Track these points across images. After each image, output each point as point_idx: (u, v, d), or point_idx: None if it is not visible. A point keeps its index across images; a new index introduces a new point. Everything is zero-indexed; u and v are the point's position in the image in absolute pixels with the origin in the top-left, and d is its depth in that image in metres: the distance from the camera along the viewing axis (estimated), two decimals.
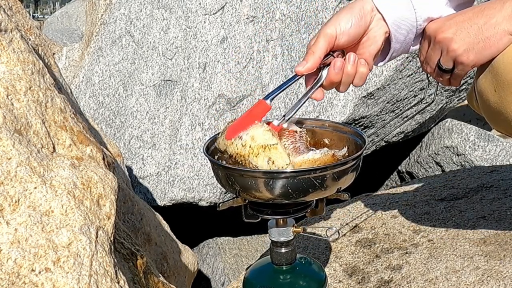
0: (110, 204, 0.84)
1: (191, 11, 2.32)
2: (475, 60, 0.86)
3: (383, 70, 2.13)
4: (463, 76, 0.91)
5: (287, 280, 0.94)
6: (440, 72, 0.92)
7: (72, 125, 0.90)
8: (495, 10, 0.84)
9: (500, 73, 0.84)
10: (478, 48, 0.85)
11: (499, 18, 0.83)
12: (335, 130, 0.99)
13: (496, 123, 0.93)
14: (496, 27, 0.83)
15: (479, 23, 0.84)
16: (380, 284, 1.14)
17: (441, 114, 2.58)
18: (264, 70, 2.23)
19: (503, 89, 0.85)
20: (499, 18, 0.83)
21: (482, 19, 0.84)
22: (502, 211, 1.32)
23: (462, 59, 0.87)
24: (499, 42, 0.84)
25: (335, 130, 0.99)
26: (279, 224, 0.93)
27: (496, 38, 0.83)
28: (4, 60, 0.85)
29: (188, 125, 2.21)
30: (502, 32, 0.83)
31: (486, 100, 0.89)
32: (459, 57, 0.87)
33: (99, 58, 2.38)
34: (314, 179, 0.82)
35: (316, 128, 1.01)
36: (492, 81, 0.86)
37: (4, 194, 0.74)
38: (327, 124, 1.01)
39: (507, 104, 0.85)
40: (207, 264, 2.48)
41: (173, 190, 2.16)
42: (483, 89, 0.89)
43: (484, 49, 0.85)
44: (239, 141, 0.85)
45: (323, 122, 1.02)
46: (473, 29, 0.85)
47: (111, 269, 0.77)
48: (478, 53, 0.85)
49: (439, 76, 0.93)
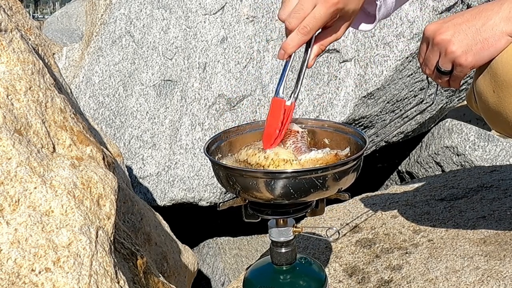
0: (110, 204, 0.84)
1: (191, 11, 2.32)
2: (473, 61, 0.86)
3: (383, 70, 2.13)
4: (462, 77, 0.91)
5: (287, 280, 0.94)
6: (439, 74, 0.92)
7: (72, 125, 0.90)
8: (493, 11, 0.84)
9: (499, 74, 0.85)
10: (476, 49, 0.85)
11: (497, 19, 0.83)
12: (336, 131, 0.99)
13: (495, 124, 0.93)
14: (494, 29, 0.84)
15: (477, 25, 0.85)
16: (380, 284, 1.14)
17: (441, 114, 2.58)
18: (264, 70, 2.23)
19: (502, 90, 0.85)
20: (496, 20, 0.83)
21: (480, 21, 0.85)
22: (502, 211, 1.32)
23: (461, 60, 0.87)
24: (497, 43, 0.84)
25: (336, 130, 0.99)
26: (279, 224, 0.93)
27: (494, 40, 0.84)
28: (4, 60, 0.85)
29: (188, 125, 2.21)
30: (500, 33, 0.83)
31: (485, 101, 0.89)
32: (457, 59, 0.87)
33: (99, 58, 2.38)
34: (315, 179, 0.82)
35: (317, 129, 1.01)
36: (491, 82, 0.87)
37: (4, 194, 0.74)
38: (328, 125, 1.01)
39: (506, 104, 0.85)
40: (207, 264, 2.48)
41: (173, 190, 2.16)
42: (482, 90, 0.89)
43: (482, 51, 0.85)
44: (262, 153, 0.88)
45: (323, 122, 1.02)
46: (471, 31, 0.85)
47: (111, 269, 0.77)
48: (476, 55, 0.86)
49: (438, 78, 0.93)
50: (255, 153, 0.89)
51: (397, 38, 2.13)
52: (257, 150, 0.90)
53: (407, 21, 2.13)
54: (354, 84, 2.15)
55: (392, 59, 2.12)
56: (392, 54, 2.13)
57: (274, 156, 0.87)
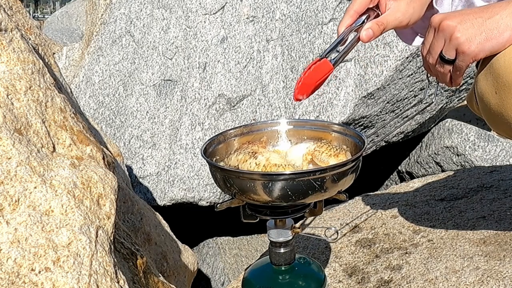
0: (110, 203, 0.84)
1: (191, 11, 2.32)
2: (476, 50, 0.88)
3: (383, 70, 2.13)
4: (464, 69, 0.91)
5: (286, 280, 0.94)
6: (442, 63, 0.93)
7: (72, 125, 0.90)
8: (501, 8, 0.86)
9: (502, 75, 0.85)
10: (481, 39, 0.87)
11: (504, 14, 0.86)
12: (335, 132, 0.99)
13: (497, 125, 0.93)
14: (499, 22, 0.86)
15: (484, 17, 0.87)
16: (380, 284, 1.14)
17: (441, 114, 2.58)
18: (264, 70, 2.23)
19: (504, 91, 0.85)
20: (503, 14, 0.86)
21: (487, 14, 0.87)
22: (502, 211, 1.32)
23: (464, 48, 0.88)
24: (501, 36, 0.86)
25: (335, 131, 0.99)
26: (278, 224, 0.93)
27: (499, 32, 0.86)
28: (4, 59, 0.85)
29: (188, 125, 2.21)
30: (505, 26, 0.85)
31: (487, 102, 0.90)
32: (461, 46, 0.88)
33: (99, 57, 2.38)
34: (313, 181, 0.82)
35: (316, 130, 1.01)
36: (493, 83, 0.87)
37: (4, 194, 0.74)
38: (327, 126, 1.01)
39: (508, 106, 0.85)
40: (207, 264, 2.48)
41: (173, 190, 2.16)
42: (483, 91, 0.90)
43: (486, 41, 0.86)
44: (254, 160, 0.88)
45: (322, 123, 1.02)
46: (477, 21, 0.87)
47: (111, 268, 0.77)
48: (480, 44, 0.87)
49: (441, 67, 0.93)
50: (246, 159, 0.88)
51: (397, 38, 2.12)
52: (248, 156, 0.89)
53: None
54: (354, 84, 2.15)
55: (392, 59, 2.12)
56: (392, 54, 2.13)
57: (265, 162, 0.87)
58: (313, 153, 0.90)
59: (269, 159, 0.87)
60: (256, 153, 0.89)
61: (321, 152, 0.90)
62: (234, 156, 0.91)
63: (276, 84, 2.22)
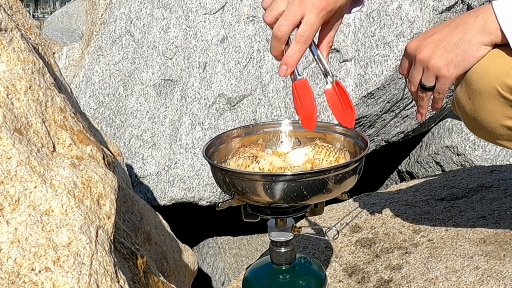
0: (110, 203, 0.84)
1: (191, 11, 2.32)
2: (455, 72, 0.91)
3: (383, 70, 2.13)
4: (444, 92, 0.95)
5: (287, 280, 0.94)
6: (423, 91, 0.97)
7: (72, 125, 0.90)
8: (469, 24, 0.89)
9: (473, 82, 0.89)
10: (458, 61, 0.90)
11: (473, 32, 0.88)
12: (337, 133, 0.99)
13: (474, 129, 0.98)
14: (471, 41, 0.88)
15: (455, 39, 0.89)
16: (380, 283, 1.14)
17: (441, 114, 2.58)
18: (264, 70, 2.23)
19: (475, 96, 0.90)
20: (473, 32, 0.88)
21: (457, 35, 0.89)
22: (502, 211, 1.32)
23: (443, 72, 0.91)
24: (476, 54, 0.89)
25: (338, 132, 0.99)
26: (279, 224, 0.93)
27: (473, 51, 0.89)
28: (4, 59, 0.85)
29: (188, 124, 2.21)
30: (478, 44, 0.88)
31: (463, 107, 0.94)
32: (440, 71, 0.92)
33: (99, 57, 2.38)
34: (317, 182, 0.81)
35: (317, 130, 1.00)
36: (466, 90, 0.91)
37: (4, 194, 0.74)
38: (330, 126, 1.00)
39: (480, 111, 0.90)
40: (207, 264, 2.48)
41: (173, 190, 2.16)
42: (459, 97, 0.94)
43: (463, 61, 0.89)
44: (256, 164, 0.87)
45: (326, 124, 1.01)
46: (450, 46, 0.90)
47: (111, 268, 0.77)
48: (458, 66, 0.90)
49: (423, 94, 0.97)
50: (247, 164, 0.88)
51: (397, 38, 2.13)
52: (249, 161, 0.88)
53: (407, 21, 2.13)
54: (354, 83, 2.15)
55: (392, 58, 2.12)
56: (392, 53, 2.13)
57: (269, 166, 0.86)
58: (312, 162, 0.90)
59: (272, 163, 0.86)
60: (257, 157, 0.89)
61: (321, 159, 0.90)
62: (233, 161, 0.90)
63: (276, 83, 2.22)
